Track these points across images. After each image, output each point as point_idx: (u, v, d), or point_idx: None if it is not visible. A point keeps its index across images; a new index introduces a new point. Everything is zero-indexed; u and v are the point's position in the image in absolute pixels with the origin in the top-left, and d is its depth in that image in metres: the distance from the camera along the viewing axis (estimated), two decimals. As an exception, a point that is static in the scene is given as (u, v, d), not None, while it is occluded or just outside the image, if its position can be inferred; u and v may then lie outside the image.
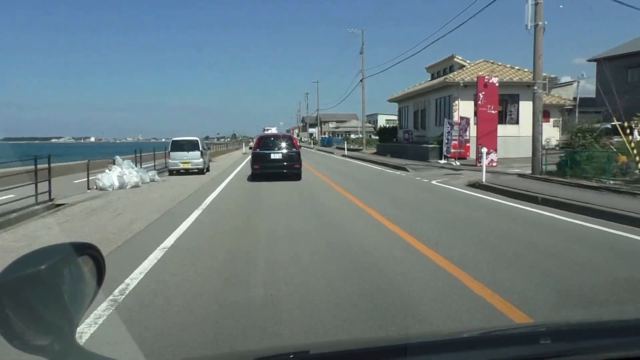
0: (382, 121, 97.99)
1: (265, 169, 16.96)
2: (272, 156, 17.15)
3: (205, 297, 4.64)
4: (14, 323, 0.81)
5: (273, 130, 58.78)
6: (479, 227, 8.36)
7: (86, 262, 0.97)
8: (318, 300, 4.48)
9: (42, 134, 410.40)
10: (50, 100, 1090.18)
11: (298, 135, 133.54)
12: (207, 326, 3.88)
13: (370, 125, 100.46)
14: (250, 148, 27.17)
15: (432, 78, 34.76)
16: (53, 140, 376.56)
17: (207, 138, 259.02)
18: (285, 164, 17.02)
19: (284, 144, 17.59)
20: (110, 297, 4.55)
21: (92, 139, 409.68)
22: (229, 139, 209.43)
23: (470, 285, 4.82)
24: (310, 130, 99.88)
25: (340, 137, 79.89)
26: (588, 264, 5.82)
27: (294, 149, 17.53)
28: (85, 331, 3.73)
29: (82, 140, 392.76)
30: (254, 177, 17.15)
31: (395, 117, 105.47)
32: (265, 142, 17.93)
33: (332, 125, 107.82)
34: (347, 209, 10.66)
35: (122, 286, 4.95)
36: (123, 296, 4.66)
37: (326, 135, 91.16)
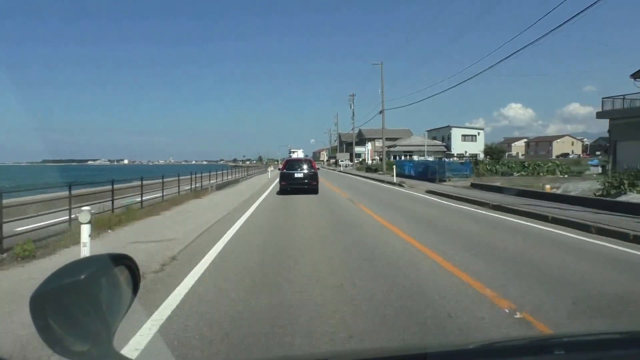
0: (457, 137, 68.31)
1: (290, 185, 19.60)
2: (296, 175, 19.79)
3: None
4: (55, 329, 0.83)
5: (300, 153, 68.91)
6: None
7: (122, 272, 0.98)
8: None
9: (78, 156, 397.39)
10: (86, 124, 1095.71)
11: (334, 158, 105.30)
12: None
13: (440, 144, 70.77)
14: (278, 169, 27.69)
15: None
16: (89, 163, 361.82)
17: (234, 161, 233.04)
18: (306, 181, 19.61)
19: (305, 166, 20.26)
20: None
21: (126, 161, 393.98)
22: (255, 162, 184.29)
23: None
24: (357, 149, 69.62)
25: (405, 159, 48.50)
26: None
27: (313, 170, 20.16)
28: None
29: (115, 163, 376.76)
30: (282, 192, 19.66)
31: (479, 132, 74.91)
32: (291, 164, 20.73)
33: (378, 143, 77.82)
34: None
35: None
36: None
37: (400, 157, 59.57)
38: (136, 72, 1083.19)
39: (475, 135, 64.93)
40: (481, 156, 65.05)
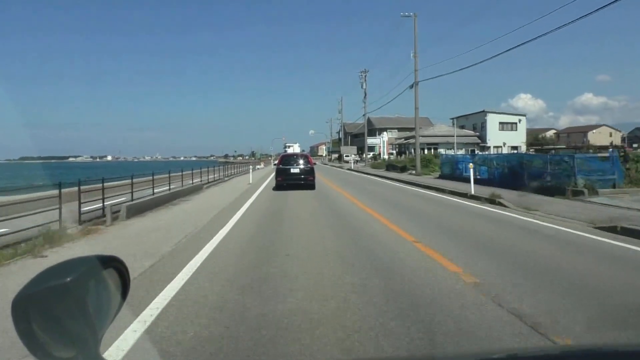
0: (494, 125, 56.13)
1: (286, 181, 18.60)
2: (292, 170, 18.91)
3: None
4: (38, 334, 0.78)
5: (296, 147, 68.96)
6: None
7: (111, 275, 0.93)
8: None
9: (59, 152, 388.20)
10: (69, 119, 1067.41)
11: (337, 152, 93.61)
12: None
13: (472, 133, 58.27)
14: (274, 164, 27.96)
15: None
16: (70, 159, 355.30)
17: (225, 156, 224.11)
18: (302, 176, 18.69)
19: (301, 161, 19.43)
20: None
21: (109, 158, 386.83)
22: (247, 157, 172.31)
23: None
24: (371, 140, 56.95)
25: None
26: None
27: (309, 165, 19.27)
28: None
29: (98, 159, 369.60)
30: (278, 187, 18.61)
31: (520, 119, 60.51)
32: (287, 160, 19.89)
33: (392, 134, 65.97)
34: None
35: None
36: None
37: (423, 151, 45.85)
38: (122, 65, 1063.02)
39: (516, 123, 52.84)
40: (523, 148, 53.33)
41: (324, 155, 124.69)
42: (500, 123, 52.34)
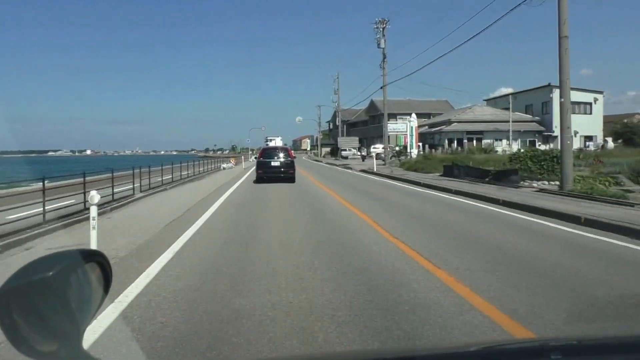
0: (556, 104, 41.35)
1: (267, 173, 18.71)
2: (272, 163, 19.04)
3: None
4: (21, 328, 0.79)
5: (277, 141, 64.28)
6: None
7: (93, 269, 0.93)
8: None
9: (38, 147, 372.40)
10: (47, 113, 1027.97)
11: (330, 145, 77.98)
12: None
13: (530, 118, 41.90)
14: (255, 157, 28.83)
15: None
16: (50, 153, 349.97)
17: (206, 150, 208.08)
18: (282, 169, 18.78)
19: (281, 154, 19.45)
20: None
21: (89, 152, 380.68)
22: (227, 152, 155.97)
23: None
24: (391, 126, 39.54)
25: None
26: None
27: (289, 158, 19.29)
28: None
29: (77, 154, 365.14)
30: (259, 180, 18.73)
31: (595, 98, 12.18)
32: (267, 153, 20.01)
33: (402, 122, 49.94)
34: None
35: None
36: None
37: (462, 143, 28.54)
38: (103, 58, 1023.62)
39: (590, 104, 37.72)
40: (599, 138, 37.98)
41: (308, 149, 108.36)
42: (573, 103, 36.97)
